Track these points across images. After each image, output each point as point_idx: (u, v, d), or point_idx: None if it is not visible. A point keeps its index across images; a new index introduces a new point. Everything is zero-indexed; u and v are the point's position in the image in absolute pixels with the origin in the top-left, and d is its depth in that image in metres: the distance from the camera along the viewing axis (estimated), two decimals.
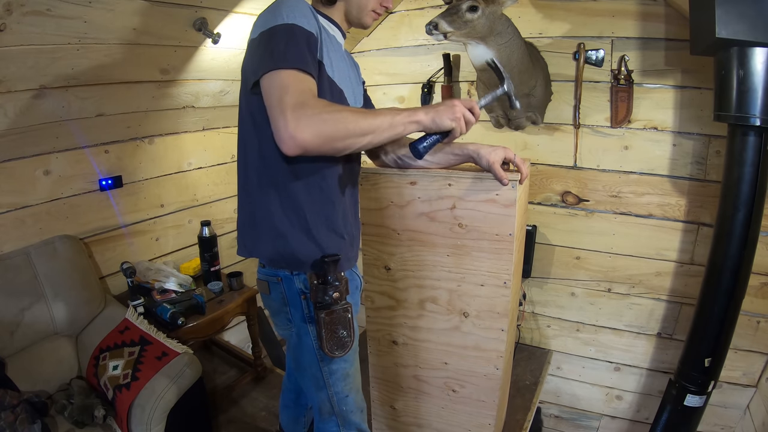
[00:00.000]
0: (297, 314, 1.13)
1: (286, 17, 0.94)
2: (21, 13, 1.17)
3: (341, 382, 1.17)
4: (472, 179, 1.31)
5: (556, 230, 2.23)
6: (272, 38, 0.93)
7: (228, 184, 2.48)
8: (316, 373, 1.16)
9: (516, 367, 2.21)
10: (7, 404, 1.32)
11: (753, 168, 1.46)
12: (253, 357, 2.26)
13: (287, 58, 0.90)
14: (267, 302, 1.19)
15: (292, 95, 0.87)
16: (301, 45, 0.93)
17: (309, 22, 0.97)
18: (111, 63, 1.54)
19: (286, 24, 0.93)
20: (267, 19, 0.96)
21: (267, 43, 0.93)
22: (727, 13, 1.28)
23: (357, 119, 0.92)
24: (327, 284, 1.05)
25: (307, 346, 1.14)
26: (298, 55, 0.92)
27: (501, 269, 1.36)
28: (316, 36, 0.98)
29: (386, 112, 0.98)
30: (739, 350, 1.94)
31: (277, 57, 0.90)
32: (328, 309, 1.06)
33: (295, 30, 0.94)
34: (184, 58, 1.75)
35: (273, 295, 1.14)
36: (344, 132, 0.90)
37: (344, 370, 1.17)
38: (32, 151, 1.67)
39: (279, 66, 0.89)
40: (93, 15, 1.32)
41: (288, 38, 0.93)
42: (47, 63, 1.38)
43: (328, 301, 1.06)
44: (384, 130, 0.96)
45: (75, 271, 1.72)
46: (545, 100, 2.06)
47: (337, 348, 1.09)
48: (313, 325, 1.12)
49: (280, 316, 1.17)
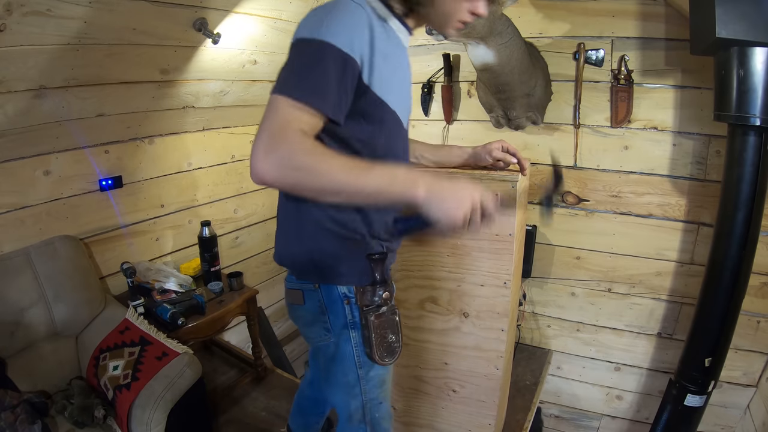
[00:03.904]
0: (338, 321, 1.04)
1: (325, 31, 0.81)
2: (21, 13, 1.17)
3: (378, 389, 1.11)
4: (472, 179, 1.31)
5: (556, 230, 2.23)
6: (299, 55, 0.83)
7: (228, 184, 2.48)
8: (352, 381, 1.08)
9: (516, 367, 2.21)
10: (7, 404, 1.32)
11: (753, 168, 1.46)
12: (253, 357, 2.26)
13: (299, 87, 0.80)
14: (299, 313, 1.09)
15: (276, 126, 0.77)
16: (327, 74, 0.81)
17: (354, 39, 0.84)
18: (111, 63, 1.54)
19: (321, 42, 0.81)
20: (308, 24, 0.85)
21: (292, 58, 0.84)
22: (727, 13, 1.28)
23: (337, 174, 0.78)
24: (375, 284, 0.98)
25: (346, 354, 1.06)
26: (314, 87, 0.81)
27: (501, 269, 1.36)
28: (357, 60, 0.84)
29: (379, 175, 0.82)
30: (739, 350, 1.94)
31: (291, 82, 0.81)
32: (378, 311, 0.98)
33: (326, 53, 0.81)
34: (184, 58, 1.75)
35: (308, 305, 1.05)
36: (312, 185, 0.79)
37: (381, 377, 1.11)
38: (32, 152, 1.67)
39: (284, 92, 0.80)
40: (93, 15, 1.32)
41: (314, 62, 0.81)
42: (47, 63, 1.38)
43: (378, 302, 0.98)
44: (365, 196, 0.82)
45: (75, 271, 1.71)
46: (545, 100, 2.06)
47: (387, 354, 1.01)
48: (356, 331, 1.04)
49: (316, 326, 1.07)
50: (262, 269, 2.78)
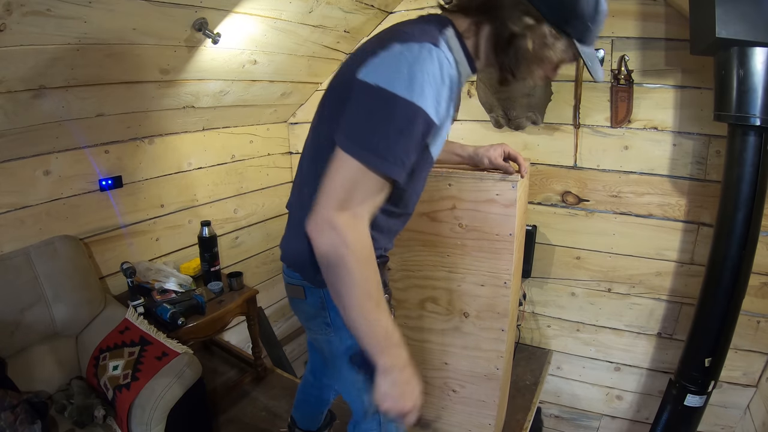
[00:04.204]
0: (338, 318, 1.01)
1: (418, 93, 0.78)
2: (21, 13, 1.17)
3: None
4: (472, 179, 1.31)
5: (556, 230, 2.23)
6: (386, 114, 0.78)
7: (228, 184, 2.48)
8: (357, 377, 1.08)
9: (516, 367, 2.21)
10: (7, 404, 1.32)
11: (753, 168, 1.46)
12: (253, 357, 2.26)
13: (385, 156, 0.78)
14: (300, 307, 1.11)
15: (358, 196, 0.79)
16: (413, 143, 0.81)
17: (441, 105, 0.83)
18: (111, 63, 1.54)
19: (412, 105, 0.78)
20: (396, 75, 0.79)
21: (375, 112, 0.79)
22: (727, 13, 1.28)
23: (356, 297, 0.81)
24: None
25: (349, 349, 1.06)
26: (399, 156, 0.79)
27: (501, 269, 1.36)
28: (438, 124, 0.84)
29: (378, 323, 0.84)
30: (739, 350, 1.94)
31: (374, 146, 0.78)
32: None
33: (417, 119, 0.79)
34: (184, 58, 1.75)
35: (309, 299, 1.06)
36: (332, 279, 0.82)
37: None
38: (32, 151, 1.66)
39: (367, 160, 0.78)
40: (93, 15, 1.32)
41: (403, 127, 0.78)
42: (47, 63, 1.38)
43: None
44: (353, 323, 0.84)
45: (75, 271, 1.71)
46: (545, 100, 2.06)
47: None
48: None
49: (317, 321, 1.08)
50: (262, 269, 2.79)
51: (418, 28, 0.85)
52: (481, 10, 0.89)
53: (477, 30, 0.90)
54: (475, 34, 0.91)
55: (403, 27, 0.88)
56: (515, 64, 0.90)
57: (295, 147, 2.85)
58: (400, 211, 1.02)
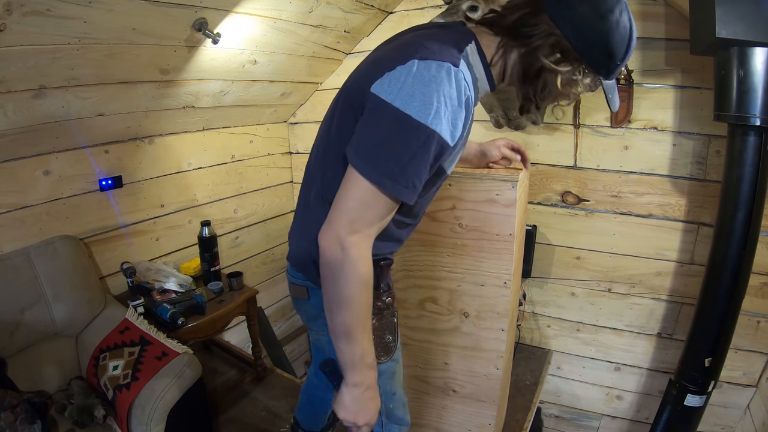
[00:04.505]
0: None
1: (434, 116, 0.76)
2: (21, 13, 1.17)
3: (390, 381, 1.13)
4: (472, 179, 1.31)
5: (556, 230, 2.23)
6: (400, 137, 0.77)
7: (228, 184, 2.48)
8: None
9: (516, 367, 2.21)
10: (7, 404, 1.32)
11: (753, 168, 1.46)
12: (253, 357, 2.26)
13: (398, 180, 0.78)
14: (303, 307, 1.11)
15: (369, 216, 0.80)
16: (426, 163, 0.80)
17: (457, 129, 0.81)
18: (111, 63, 1.54)
19: (427, 129, 0.76)
20: (412, 96, 0.76)
21: (388, 133, 0.78)
22: (727, 13, 1.28)
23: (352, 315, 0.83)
24: (379, 289, 0.99)
25: None
26: (411, 179, 0.79)
27: (501, 269, 1.36)
28: (453, 145, 0.83)
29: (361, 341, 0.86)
30: (739, 350, 1.94)
31: (388, 169, 0.77)
32: (380, 315, 1.00)
33: (431, 143, 0.78)
34: (184, 58, 1.75)
35: (312, 300, 1.05)
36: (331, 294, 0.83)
37: (392, 369, 1.13)
38: (32, 151, 1.66)
39: (379, 182, 0.77)
40: (93, 15, 1.32)
41: (416, 151, 0.77)
42: (47, 63, 1.38)
43: (381, 306, 1.00)
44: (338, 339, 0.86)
45: (75, 271, 1.71)
46: None
47: (383, 353, 1.04)
48: None
49: (319, 321, 1.07)
50: (262, 269, 2.79)
51: (439, 43, 0.82)
52: (511, 32, 0.85)
53: (504, 52, 0.87)
54: (501, 57, 0.88)
55: (423, 40, 0.84)
56: (541, 96, 0.88)
57: (294, 147, 2.85)
58: (410, 221, 1.03)
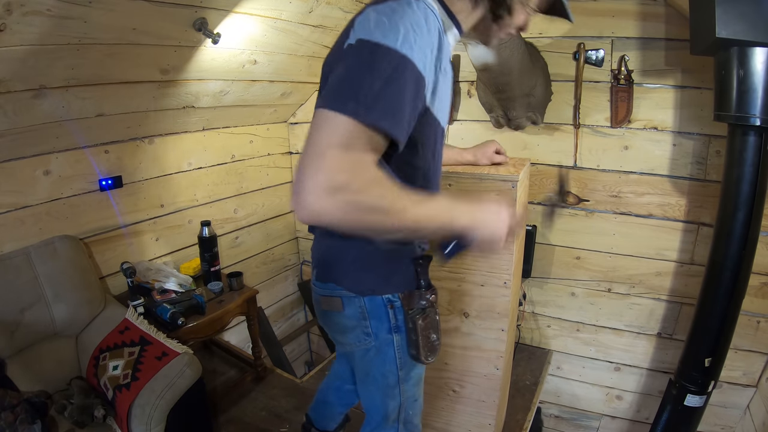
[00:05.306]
0: (382, 326, 1.01)
1: (402, 41, 0.69)
2: (21, 13, 1.17)
3: (416, 387, 1.12)
4: (472, 179, 1.31)
5: (556, 230, 2.23)
6: (370, 64, 0.68)
7: (228, 184, 2.48)
8: (392, 383, 1.07)
9: (516, 367, 2.21)
10: (7, 404, 1.32)
11: (753, 168, 1.46)
12: (253, 357, 2.26)
13: (373, 107, 0.66)
14: (336, 319, 1.03)
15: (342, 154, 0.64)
16: (404, 93, 0.70)
17: (427, 57, 0.74)
18: (111, 63, 1.54)
19: (401, 56, 0.69)
20: (381, 27, 0.70)
21: (359, 65, 0.69)
22: (727, 13, 1.28)
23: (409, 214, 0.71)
24: (421, 288, 0.98)
25: (388, 357, 1.04)
26: (390, 107, 0.68)
27: (501, 269, 1.36)
28: (426, 79, 0.75)
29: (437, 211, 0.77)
30: (739, 350, 1.94)
31: (360, 98, 0.66)
32: (424, 313, 0.98)
33: (406, 69, 0.70)
34: (184, 58, 1.75)
35: (348, 311, 1.00)
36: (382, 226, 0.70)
37: (419, 375, 1.12)
38: (32, 151, 1.67)
39: (351, 112, 0.65)
40: (93, 15, 1.32)
41: (390, 77, 0.68)
42: (47, 63, 1.38)
43: (425, 304, 0.98)
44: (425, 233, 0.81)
45: (75, 271, 1.71)
46: (545, 100, 2.06)
47: (430, 353, 1.02)
48: (399, 334, 1.02)
49: (355, 332, 1.02)
50: (262, 269, 2.79)
51: None
52: None
53: None
54: None
55: None
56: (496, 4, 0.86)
57: (295, 147, 2.85)
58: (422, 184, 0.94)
